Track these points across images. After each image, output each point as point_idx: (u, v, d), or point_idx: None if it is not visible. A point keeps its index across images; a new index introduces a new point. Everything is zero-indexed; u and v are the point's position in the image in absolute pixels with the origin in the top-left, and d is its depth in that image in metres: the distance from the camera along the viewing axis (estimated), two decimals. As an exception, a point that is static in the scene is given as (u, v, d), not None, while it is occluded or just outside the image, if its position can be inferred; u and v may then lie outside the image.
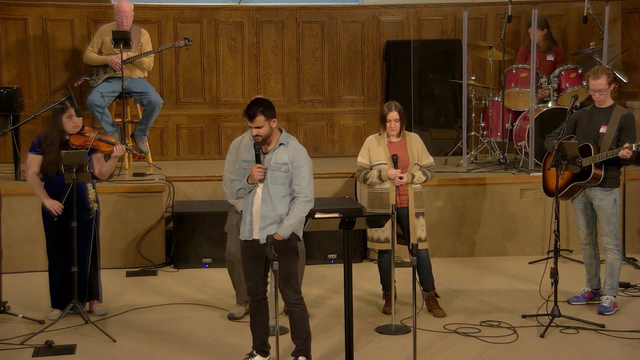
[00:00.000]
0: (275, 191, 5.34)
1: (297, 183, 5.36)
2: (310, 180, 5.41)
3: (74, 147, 6.35)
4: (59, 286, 6.45)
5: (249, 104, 5.38)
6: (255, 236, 5.36)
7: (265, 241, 5.22)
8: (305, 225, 5.45)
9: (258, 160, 5.34)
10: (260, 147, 5.34)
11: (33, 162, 6.42)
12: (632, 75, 9.60)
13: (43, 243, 6.58)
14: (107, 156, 6.54)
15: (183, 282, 7.52)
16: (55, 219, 6.29)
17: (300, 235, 5.48)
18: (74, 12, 9.72)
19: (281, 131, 5.46)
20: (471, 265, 8.04)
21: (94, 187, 6.51)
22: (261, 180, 5.34)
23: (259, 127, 5.31)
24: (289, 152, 5.38)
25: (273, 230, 5.31)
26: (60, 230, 6.36)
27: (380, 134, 6.60)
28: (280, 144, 5.39)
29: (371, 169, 6.54)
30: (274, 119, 5.37)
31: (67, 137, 6.40)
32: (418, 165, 6.55)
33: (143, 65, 8.91)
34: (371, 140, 6.63)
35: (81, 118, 6.48)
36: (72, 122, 6.39)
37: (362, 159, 6.61)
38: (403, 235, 6.54)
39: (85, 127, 6.53)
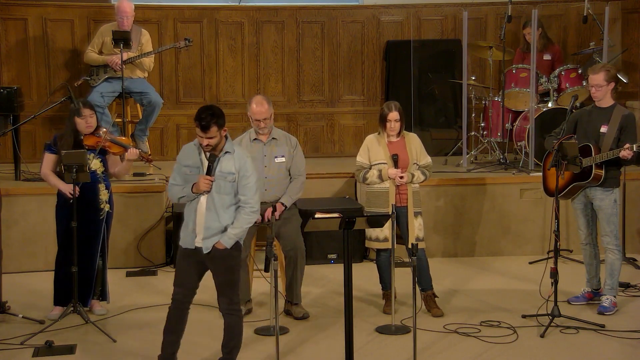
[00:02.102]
0: (220, 201, 5.20)
1: (243, 193, 5.22)
2: (257, 191, 5.30)
3: (87, 147, 6.38)
4: (63, 284, 6.45)
5: (200, 112, 5.19)
6: (198, 245, 5.24)
7: (208, 250, 5.19)
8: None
9: (209, 171, 5.18)
10: (215, 158, 5.20)
11: (48, 160, 6.48)
12: (632, 75, 9.60)
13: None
14: (122, 157, 6.58)
15: (183, 282, 7.51)
16: (71, 201, 6.27)
17: (242, 243, 5.37)
18: (74, 12, 9.72)
19: (226, 138, 5.31)
20: (471, 265, 8.04)
21: (107, 188, 6.53)
22: (207, 191, 5.20)
23: (211, 138, 5.16)
24: (235, 161, 5.23)
25: (216, 240, 5.22)
26: (70, 228, 6.36)
27: (379, 134, 6.61)
28: (226, 152, 5.25)
29: (370, 169, 6.55)
30: (225, 128, 5.25)
31: (81, 138, 6.43)
32: (417, 164, 6.56)
33: (143, 65, 8.90)
34: (371, 140, 6.64)
35: (94, 118, 6.48)
36: (85, 123, 6.42)
37: (361, 158, 6.61)
38: (401, 234, 6.55)
39: (101, 128, 6.55)
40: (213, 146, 5.19)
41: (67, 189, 6.31)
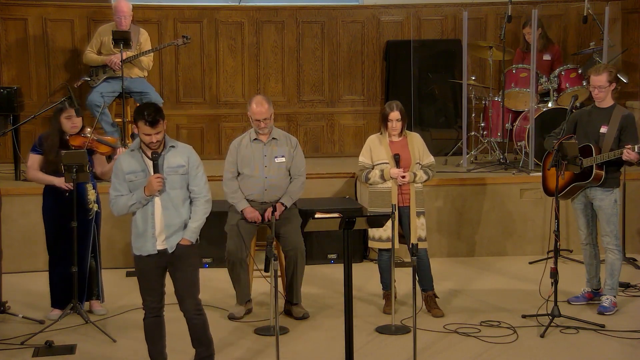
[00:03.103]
0: (176, 196, 5.16)
1: (196, 184, 5.21)
2: (207, 180, 5.29)
3: (73, 147, 6.37)
4: (59, 286, 6.47)
5: (143, 110, 5.09)
6: (160, 247, 5.17)
7: (173, 249, 5.14)
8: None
9: (157, 169, 5.11)
10: (158, 155, 5.13)
11: (34, 161, 6.46)
12: (632, 75, 9.60)
13: (43, 243, 6.60)
14: (110, 157, 6.57)
15: (183, 282, 7.51)
16: (67, 194, 6.26)
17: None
18: (74, 12, 9.72)
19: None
20: (471, 265, 8.04)
21: (94, 188, 6.52)
22: (160, 191, 5.13)
23: (158, 133, 5.11)
24: (182, 154, 5.21)
25: (180, 237, 5.19)
26: (59, 230, 6.38)
27: (381, 134, 6.61)
28: (171, 147, 5.21)
29: (373, 169, 6.54)
30: (165, 121, 5.21)
31: (67, 138, 6.42)
32: (419, 164, 6.56)
33: (142, 64, 8.90)
34: (373, 139, 6.63)
35: (81, 119, 6.48)
36: (70, 123, 6.41)
37: (363, 158, 6.61)
38: (404, 234, 6.55)
39: (86, 128, 6.54)
40: (161, 142, 5.15)
41: (62, 182, 6.31)
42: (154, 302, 5.32)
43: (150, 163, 5.16)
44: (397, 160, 6.46)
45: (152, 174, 5.12)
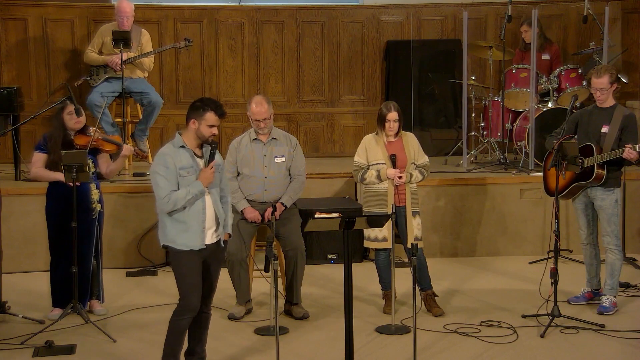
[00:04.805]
0: (217, 193, 5.31)
1: (224, 182, 5.40)
2: None
3: (78, 146, 6.35)
4: (60, 285, 6.46)
5: (211, 102, 5.24)
6: (209, 241, 5.21)
7: (223, 243, 5.29)
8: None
9: (212, 159, 5.19)
10: (215, 144, 5.20)
11: (38, 159, 6.45)
12: (632, 75, 9.60)
13: (43, 243, 6.61)
14: (114, 155, 6.57)
15: (183, 282, 7.51)
16: (72, 184, 6.27)
17: None
18: (74, 12, 9.72)
19: None
20: (471, 265, 8.04)
21: (97, 188, 6.52)
22: (210, 185, 5.20)
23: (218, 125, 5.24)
24: (216, 154, 5.31)
25: (222, 231, 5.30)
26: (62, 230, 6.37)
27: (377, 134, 6.61)
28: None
29: (368, 169, 6.54)
30: None
31: (72, 137, 6.41)
32: (414, 164, 6.57)
33: (143, 65, 8.90)
34: (369, 139, 6.63)
35: (84, 116, 6.48)
36: (73, 119, 6.40)
37: (359, 158, 6.61)
38: (399, 234, 6.55)
39: (91, 128, 6.53)
40: None
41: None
42: (197, 299, 5.23)
43: (199, 161, 5.20)
44: (393, 161, 6.46)
45: (202, 170, 5.17)
